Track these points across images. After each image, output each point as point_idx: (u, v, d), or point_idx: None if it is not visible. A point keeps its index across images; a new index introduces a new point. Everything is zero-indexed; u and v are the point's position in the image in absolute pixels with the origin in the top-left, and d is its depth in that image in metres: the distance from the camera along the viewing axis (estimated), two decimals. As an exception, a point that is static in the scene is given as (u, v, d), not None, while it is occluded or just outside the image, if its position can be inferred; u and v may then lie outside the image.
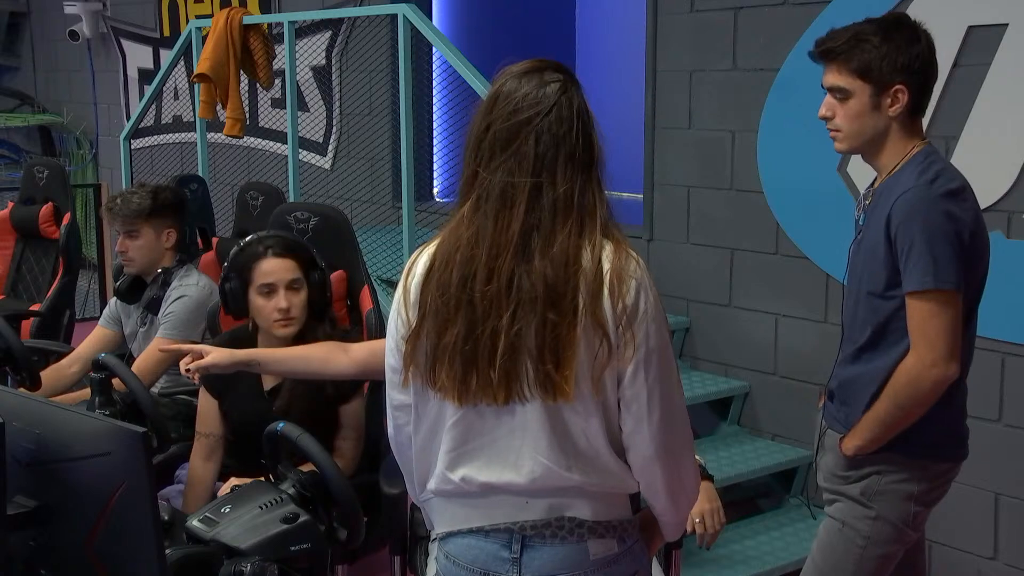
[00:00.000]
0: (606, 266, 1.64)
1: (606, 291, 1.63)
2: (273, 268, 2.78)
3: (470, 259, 1.65)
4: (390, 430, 1.86)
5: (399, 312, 1.75)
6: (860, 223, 2.44)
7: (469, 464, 1.73)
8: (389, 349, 1.80)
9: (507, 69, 1.72)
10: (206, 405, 2.88)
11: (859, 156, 2.45)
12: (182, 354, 2.50)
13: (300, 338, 2.80)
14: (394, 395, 1.82)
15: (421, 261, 1.74)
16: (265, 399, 2.83)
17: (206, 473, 2.85)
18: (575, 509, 1.73)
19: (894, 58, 2.29)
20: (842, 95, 2.35)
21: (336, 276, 3.06)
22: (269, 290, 2.77)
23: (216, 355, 2.43)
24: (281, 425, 2.27)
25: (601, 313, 1.62)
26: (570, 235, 1.64)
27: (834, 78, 2.35)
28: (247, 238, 2.90)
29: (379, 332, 3.01)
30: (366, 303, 3.06)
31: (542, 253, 1.63)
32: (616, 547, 1.76)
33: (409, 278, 1.74)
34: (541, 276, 1.62)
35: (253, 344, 2.86)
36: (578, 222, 1.65)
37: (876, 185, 2.40)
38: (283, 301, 2.76)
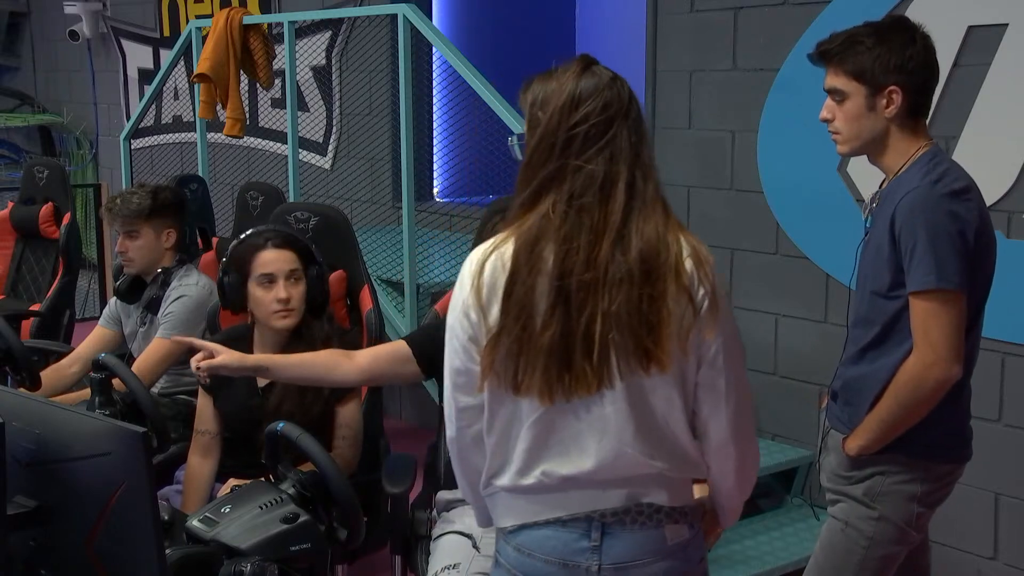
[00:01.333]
0: (687, 248, 1.71)
1: (689, 270, 1.69)
2: (273, 258, 2.79)
3: (566, 254, 1.67)
4: (450, 432, 1.83)
5: (467, 314, 1.73)
6: (867, 225, 2.44)
7: (551, 459, 1.74)
8: (453, 351, 1.77)
9: (561, 70, 1.73)
10: (203, 402, 2.89)
11: (861, 157, 2.45)
12: (184, 353, 2.50)
13: (297, 334, 2.80)
14: (460, 398, 1.79)
15: (492, 261, 1.72)
16: (259, 396, 2.83)
17: (203, 470, 2.86)
18: (653, 495, 1.76)
19: (887, 60, 2.29)
20: (839, 97, 2.36)
21: (336, 276, 3.06)
22: (269, 280, 2.78)
23: (227, 357, 2.40)
24: (281, 425, 2.28)
25: (686, 279, 1.69)
26: (659, 218, 1.71)
27: (832, 80, 2.37)
28: (246, 232, 2.91)
29: (379, 332, 3.02)
30: (366, 303, 3.06)
31: (638, 233, 1.68)
32: (687, 532, 1.80)
33: (479, 278, 1.72)
34: (637, 254, 1.67)
35: (250, 340, 2.86)
36: (663, 208, 1.72)
37: (883, 187, 2.40)
38: (283, 291, 2.77)
